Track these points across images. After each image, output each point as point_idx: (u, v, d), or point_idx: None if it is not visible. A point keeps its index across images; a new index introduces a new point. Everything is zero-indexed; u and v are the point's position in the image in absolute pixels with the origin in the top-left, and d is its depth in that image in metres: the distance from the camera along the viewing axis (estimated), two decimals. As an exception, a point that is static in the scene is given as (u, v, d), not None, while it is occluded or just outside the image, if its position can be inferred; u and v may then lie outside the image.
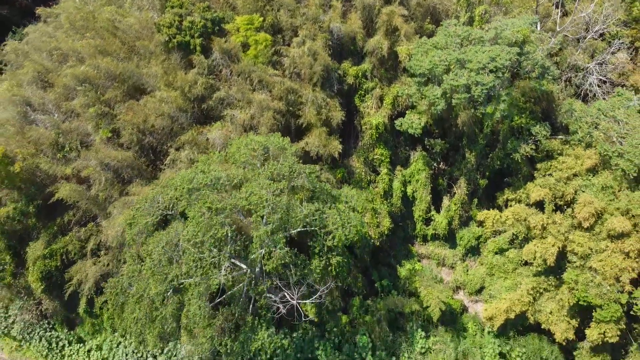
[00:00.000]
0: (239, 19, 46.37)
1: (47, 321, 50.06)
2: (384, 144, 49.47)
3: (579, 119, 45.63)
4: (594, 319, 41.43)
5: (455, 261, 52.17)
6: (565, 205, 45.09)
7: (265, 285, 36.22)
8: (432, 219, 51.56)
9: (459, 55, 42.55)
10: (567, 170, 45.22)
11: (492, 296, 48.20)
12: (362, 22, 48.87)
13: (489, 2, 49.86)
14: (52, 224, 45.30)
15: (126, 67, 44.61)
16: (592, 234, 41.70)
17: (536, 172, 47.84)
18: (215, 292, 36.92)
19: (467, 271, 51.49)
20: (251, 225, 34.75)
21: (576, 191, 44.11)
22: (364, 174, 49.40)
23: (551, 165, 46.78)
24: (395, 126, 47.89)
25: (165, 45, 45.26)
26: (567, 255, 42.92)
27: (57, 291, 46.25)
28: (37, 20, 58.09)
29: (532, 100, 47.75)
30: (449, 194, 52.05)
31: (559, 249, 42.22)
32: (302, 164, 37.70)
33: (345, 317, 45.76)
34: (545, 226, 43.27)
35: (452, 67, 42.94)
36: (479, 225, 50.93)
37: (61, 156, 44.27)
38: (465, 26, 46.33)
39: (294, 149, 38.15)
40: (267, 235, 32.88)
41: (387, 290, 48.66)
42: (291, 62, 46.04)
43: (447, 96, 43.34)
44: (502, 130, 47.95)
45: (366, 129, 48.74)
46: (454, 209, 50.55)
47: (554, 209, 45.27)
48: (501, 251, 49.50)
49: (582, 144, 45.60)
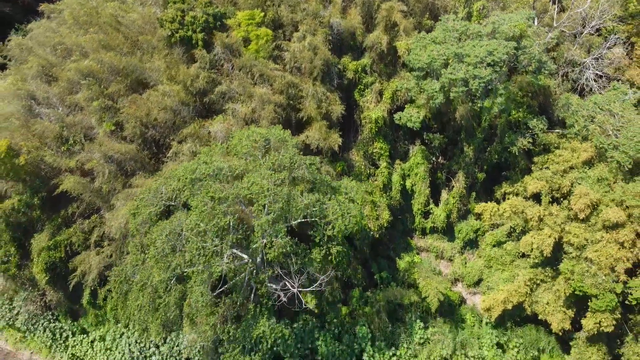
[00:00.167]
0: (240, 14, 47.06)
1: (51, 312, 50.59)
2: (383, 138, 50.15)
3: (575, 112, 46.31)
4: (589, 308, 42.09)
5: (453, 254, 52.85)
6: (561, 197, 45.76)
7: (266, 274, 36.85)
8: (431, 212, 52.23)
9: (457, 49, 43.23)
10: (564, 163, 45.91)
11: (490, 288, 48.86)
12: (361, 17, 49.56)
13: (486, -3, 50.58)
14: (57, 216, 45.93)
15: (129, 62, 45.20)
16: (588, 225, 42.39)
17: (533, 165, 48.58)
18: (217, 282, 37.56)
19: (466, 264, 52.16)
20: (252, 215, 35.39)
21: (572, 183, 44.79)
22: (363, 168, 50.09)
23: (548, 158, 47.50)
24: (394, 120, 48.64)
25: (167, 40, 45.94)
26: (564, 246, 43.62)
27: (61, 282, 46.89)
28: (40, 18, 58.74)
29: (530, 94, 48.53)
30: (447, 188, 52.75)
31: (556, 240, 42.91)
32: (302, 156, 38.35)
33: (345, 309, 46.45)
34: (542, 218, 43.97)
35: (450, 61, 43.61)
36: (477, 218, 51.60)
37: (65, 149, 44.82)
38: (463, 21, 46.99)
39: (295, 142, 38.81)
40: (268, 224, 33.49)
41: (386, 282, 49.31)
42: (292, 56, 46.70)
43: (446, 90, 44.01)
44: (500, 124, 48.62)
45: (366, 123, 49.39)
46: (452, 203, 51.21)
47: (551, 201, 45.98)
48: (499, 244, 50.21)
49: (578, 137, 46.28)
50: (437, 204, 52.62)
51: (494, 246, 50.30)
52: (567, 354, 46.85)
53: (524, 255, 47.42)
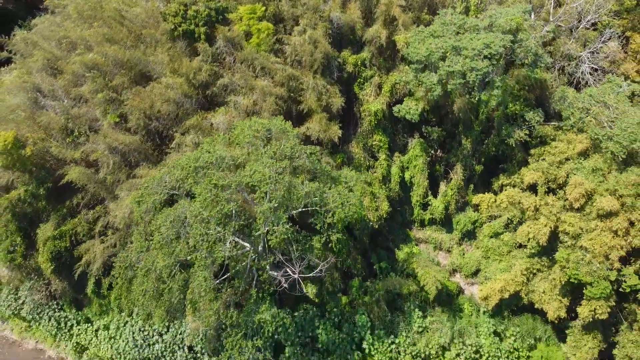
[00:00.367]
0: (242, 9, 47.91)
1: (56, 302, 51.47)
2: (382, 131, 50.95)
3: (571, 105, 47.03)
4: (584, 296, 42.84)
5: (451, 245, 53.63)
6: (557, 187, 46.56)
7: (268, 260, 37.67)
8: (430, 204, 52.99)
9: (455, 42, 44.03)
10: (560, 154, 46.68)
11: (488, 278, 49.61)
12: (361, 11, 50.38)
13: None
14: (62, 207, 46.82)
15: (133, 55, 46.06)
16: (583, 214, 43.18)
17: (530, 157, 49.32)
18: (219, 270, 38.36)
19: (464, 255, 52.95)
20: (254, 203, 36.20)
21: (568, 174, 45.56)
22: (363, 160, 50.90)
23: (544, 150, 48.26)
24: (393, 113, 49.43)
25: (170, 33, 46.82)
26: (559, 235, 44.40)
27: (66, 272, 47.78)
28: (42, 14, 59.59)
29: (526, 87, 49.29)
30: (445, 180, 53.53)
31: (551, 230, 43.69)
32: (303, 146, 39.16)
33: (345, 298, 47.31)
34: (538, 207, 44.76)
35: (448, 54, 44.41)
36: (474, 210, 52.36)
37: (70, 140, 45.71)
38: (461, 15, 47.77)
39: (296, 132, 39.62)
40: (270, 211, 34.29)
41: (385, 272, 50.06)
42: (292, 50, 47.55)
43: (444, 82, 44.80)
44: (497, 116, 49.42)
45: (365, 115, 50.19)
46: (450, 194, 51.98)
47: (547, 191, 46.76)
48: (496, 235, 50.93)
49: (574, 129, 47.00)
50: (435, 196, 53.40)
51: (492, 237, 51.04)
52: (563, 342, 47.67)
53: (521, 246, 48.21)
